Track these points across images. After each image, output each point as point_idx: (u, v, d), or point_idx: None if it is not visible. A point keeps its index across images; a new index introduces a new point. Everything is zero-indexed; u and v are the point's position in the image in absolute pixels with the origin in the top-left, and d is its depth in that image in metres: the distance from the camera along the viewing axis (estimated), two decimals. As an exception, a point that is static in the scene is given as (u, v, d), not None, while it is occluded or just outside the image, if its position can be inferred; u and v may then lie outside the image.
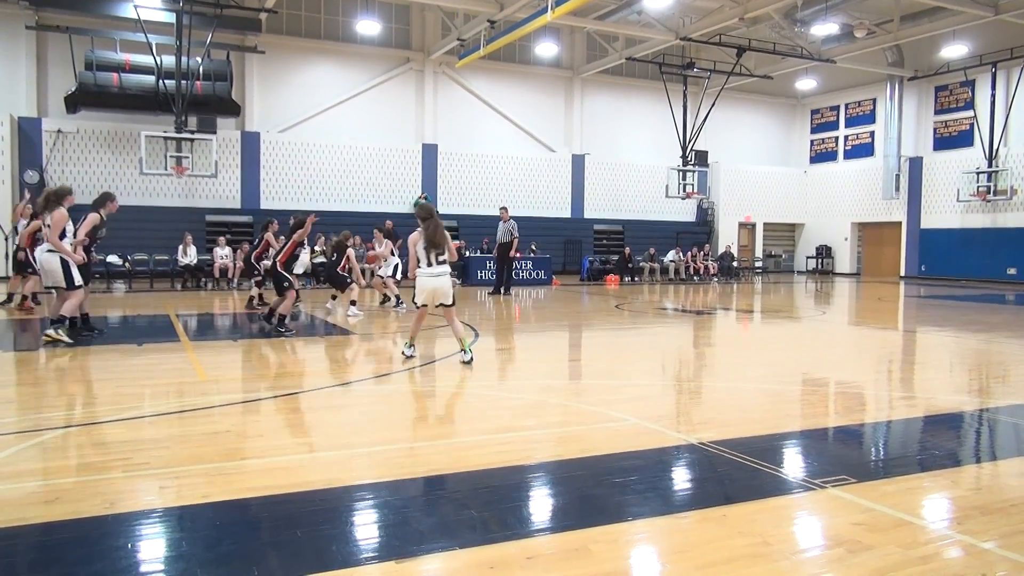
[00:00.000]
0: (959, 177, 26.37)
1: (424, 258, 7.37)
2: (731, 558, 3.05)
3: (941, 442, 5.16)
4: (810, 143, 32.28)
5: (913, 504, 3.78)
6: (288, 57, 23.38)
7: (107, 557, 3.03)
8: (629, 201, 28.67)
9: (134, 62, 19.74)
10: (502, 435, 4.99)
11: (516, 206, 26.46)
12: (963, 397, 6.62)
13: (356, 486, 3.90)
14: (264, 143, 23.18)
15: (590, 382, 7.24)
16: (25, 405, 5.83)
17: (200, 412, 5.49)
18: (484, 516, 3.49)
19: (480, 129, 26.26)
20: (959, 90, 26.64)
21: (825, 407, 6.21)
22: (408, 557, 3.02)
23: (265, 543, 3.17)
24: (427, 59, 24.98)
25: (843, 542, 3.22)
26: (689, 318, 13.72)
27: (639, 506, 3.66)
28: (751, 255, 30.74)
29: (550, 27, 23.22)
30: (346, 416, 5.62)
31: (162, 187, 21.94)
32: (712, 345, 10.58)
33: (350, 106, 24.33)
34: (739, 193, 30.43)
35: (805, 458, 4.68)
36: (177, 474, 4.04)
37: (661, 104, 26.59)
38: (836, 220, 30.91)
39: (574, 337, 11.04)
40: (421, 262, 7.42)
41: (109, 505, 3.55)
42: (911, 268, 28.46)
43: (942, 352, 9.77)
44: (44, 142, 20.64)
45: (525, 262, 21.91)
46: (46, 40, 20.60)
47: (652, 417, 5.44)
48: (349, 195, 24.31)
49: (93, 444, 4.61)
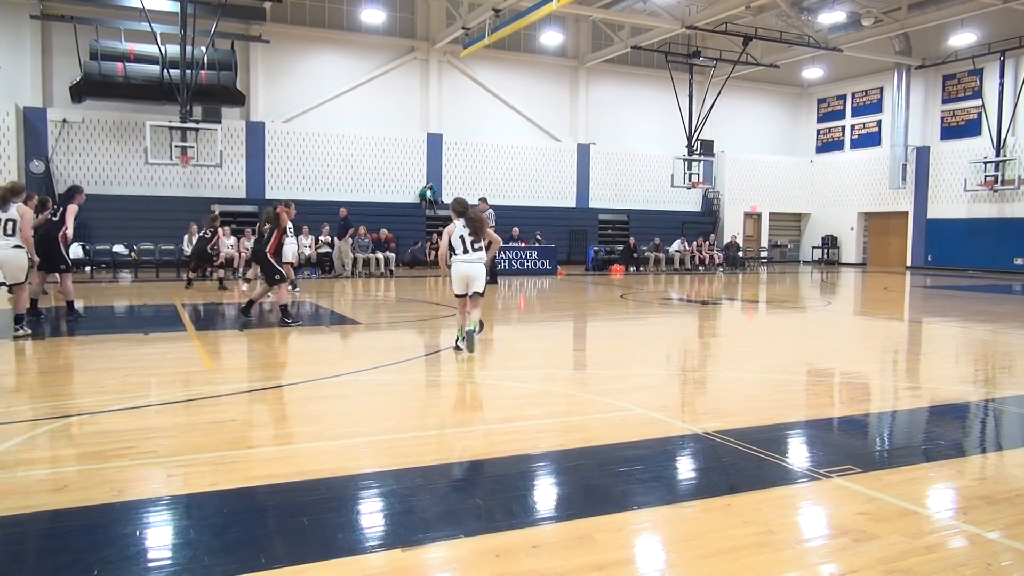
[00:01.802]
0: (966, 166, 26.24)
1: (460, 246, 7.70)
2: (736, 547, 3.06)
3: (946, 432, 5.15)
4: (816, 132, 32.13)
5: (918, 494, 3.78)
6: (292, 46, 23.34)
7: (115, 544, 3.05)
8: (634, 191, 28.60)
9: (139, 51, 19.73)
10: (507, 424, 5.00)
11: (521, 196, 26.50)
12: (969, 387, 6.60)
13: (361, 474, 3.92)
14: (269, 133, 23.18)
15: (595, 371, 7.24)
16: (33, 394, 5.86)
17: (206, 401, 5.51)
18: (489, 505, 3.51)
19: (485, 119, 26.19)
20: (967, 79, 26.46)
21: (830, 397, 6.21)
22: (414, 545, 3.04)
23: (271, 531, 3.19)
24: (432, 48, 24.90)
25: (848, 531, 3.22)
26: (694, 308, 13.71)
27: (644, 495, 3.66)
28: (756, 245, 30.67)
29: (555, 16, 23.12)
30: (351, 405, 5.63)
31: (167, 177, 21.97)
32: (717, 335, 10.57)
33: (355, 96, 24.29)
34: (745, 183, 30.33)
35: (810, 448, 4.68)
36: (184, 462, 4.06)
37: (667, 93, 26.49)
38: (842, 210, 30.80)
39: (579, 327, 11.04)
40: (457, 250, 7.73)
41: (117, 493, 3.57)
42: (917, 258, 28.36)
43: (948, 342, 9.74)
44: (49, 132, 20.68)
45: (530, 252, 21.90)
46: (51, 30, 20.60)
47: (657, 407, 5.45)
48: (354, 185, 24.30)
49: (101, 432, 4.64)
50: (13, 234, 8.32)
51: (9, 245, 8.30)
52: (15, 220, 8.32)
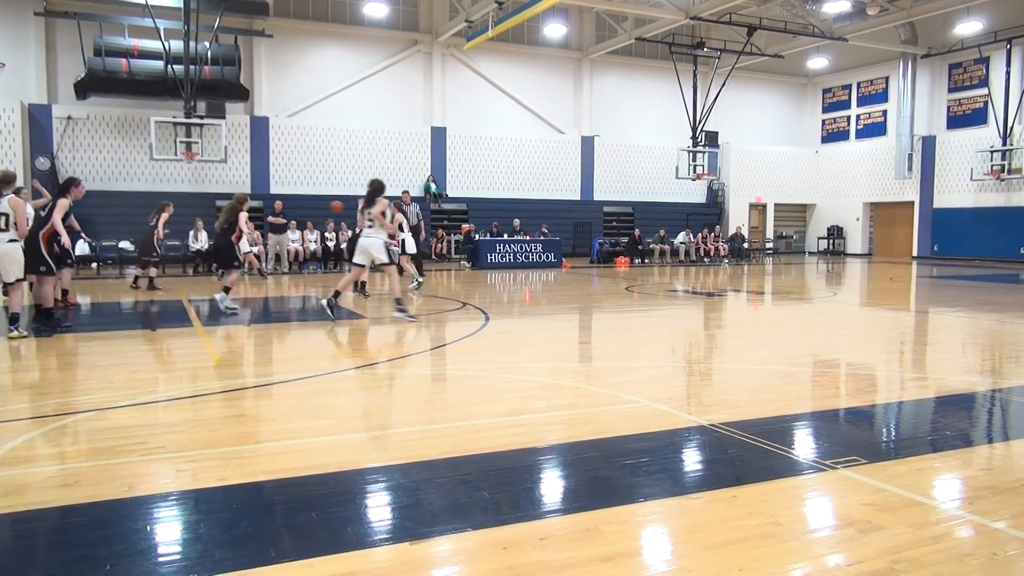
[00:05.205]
0: (972, 156, 26.11)
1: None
2: (742, 538, 3.07)
3: (952, 422, 5.15)
4: (821, 123, 32.01)
5: (924, 484, 3.79)
6: (296, 41, 23.33)
7: (126, 539, 3.08)
8: (639, 183, 28.55)
9: (142, 47, 19.75)
10: (513, 417, 5.02)
11: (525, 189, 26.48)
12: (975, 378, 6.60)
13: (369, 468, 3.94)
14: (273, 127, 23.19)
15: (601, 364, 7.25)
16: (42, 391, 5.90)
17: (214, 396, 5.54)
18: (496, 498, 3.53)
19: (489, 111, 26.15)
20: (973, 67, 26.31)
21: (836, 388, 6.21)
22: (421, 538, 3.06)
23: (280, 525, 3.21)
24: (435, 41, 24.86)
25: (853, 522, 3.24)
26: (699, 300, 13.70)
27: (650, 487, 3.68)
28: (762, 236, 30.60)
29: (558, 7, 23.07)
30: (358, 399, 5.66)
31: (172, 172, 22.02)
32: (722, 327, 10.57)
33: (358, 89, 24.28)
34: (750, 174, 30.24)
35: (816, 439, 4.69)
36: (193, 457, 4.09)
37: (671, 85, 26.41)
38: (848, 200, 30.70)
39: (584, 319, 11.05)
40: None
41: (127, 488, 3.60)
42: (923, 248, 28.27)
43: (954, 332, 9.72)
44: (54, 128, 20.73)
45: (535, 244, 21.90)
46: (54, 26, 20.63)
47: (663, 399, 5.46)
48: (358, 179, 24.26)
49: (110, 428, 4.67)
50: (7, 228, 7.93)
51: (3, 240, 7.94)
52: (8, 214, 7.93)
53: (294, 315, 11.25)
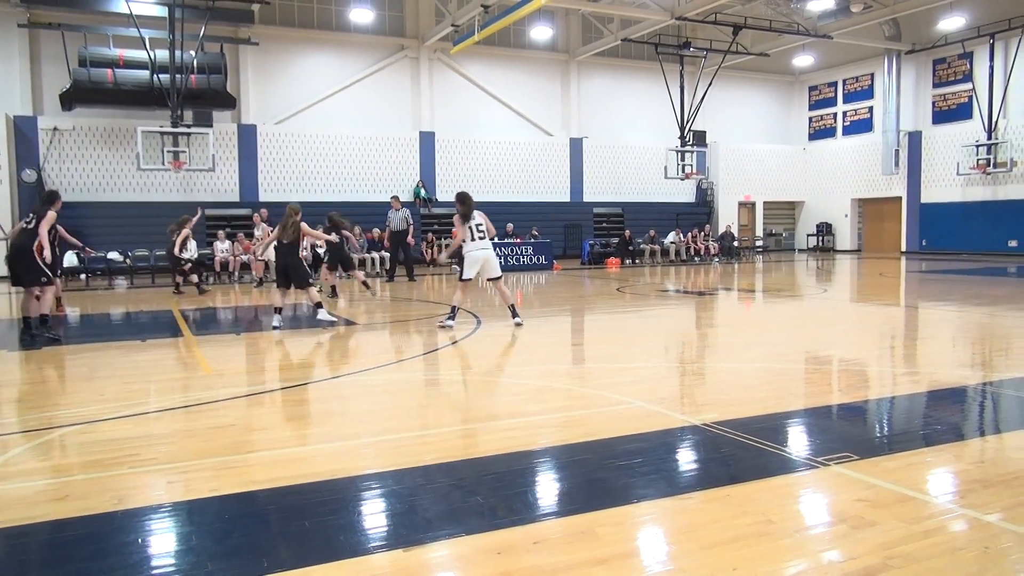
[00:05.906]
0: (959, 150, 26.28)
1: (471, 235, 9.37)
2: (736, 537, 3.08)
3: (944, 417, 5.18)
4: (808, 120, 32.15)
5: (916, 479, 3.80)
6: (282, 48, 23.28)
7: (118, 552, 3.06)
8: (628, 183, 28.60)
9: (128, 57, 19.66)
10: (506, 421, 5.02)
11: (515, 191, 26.48)
12: (966, 371, 6.63)
13: (362, 475, 3.93)
14: (261, 135, 23.12)
15: (593, 366, 7.26)
16: (32, 403, 5.86)
17: (206, 406, 5.52)
18: (490, 502, 3.52)
19: (477, 115, 26.15)
20: (957, 63, 26.49)
21: (828, 385, 6.23)
22: (416, 545, 3.05)
23: (274, 534, 3.20)
24: (422, 46, 24.85)
25: (847, 519, 3.25)
26: (691, 299, 13.73)
27: (644, 488, 3.68)
28: (751, 234, 30.70)
29: (544, 10, 23.04)
30: (351, 406, 5.64)
31: (160, 182, 21.91)
32: (714, 326, 10.59)
33: (346, 96, 24.23)
34: (738, 172, 30.34)
35: (808, 436, 4.71)
36: (185, 468, 4.07)
37: (658, 85, 26.48)
38: (836, 197, 30.84)
39: (576, 321, 11.06)
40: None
41: (118, 501, 3.58)
42: (912, 243, 28.42)
43: (944, 327, 9.78)
44: (40, 140, 20.60)
45: (525, 247, 21.90)
46: (39, 37, 20.50)
47: (655, 399, 5.47)
48: (348, 185, 24.27)
49: (101, 440, 4.64)
50: None
51: None
52: None
53: (287, 323, 11.21)
